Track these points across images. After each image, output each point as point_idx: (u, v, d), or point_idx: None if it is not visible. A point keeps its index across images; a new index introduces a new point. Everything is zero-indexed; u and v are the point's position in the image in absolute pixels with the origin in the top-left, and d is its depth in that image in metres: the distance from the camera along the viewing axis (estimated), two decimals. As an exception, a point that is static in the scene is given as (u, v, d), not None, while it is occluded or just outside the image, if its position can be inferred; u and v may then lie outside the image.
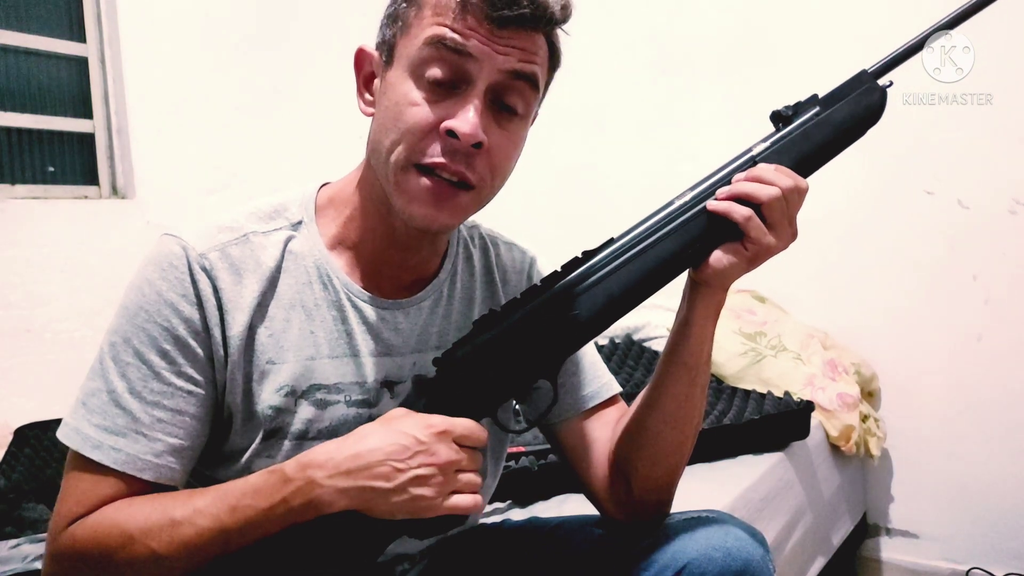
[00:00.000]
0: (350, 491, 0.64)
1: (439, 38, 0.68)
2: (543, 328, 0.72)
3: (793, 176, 0.72)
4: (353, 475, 0.64)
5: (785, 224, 0.72)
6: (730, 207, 0.72)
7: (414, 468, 0.65)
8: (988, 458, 1.97)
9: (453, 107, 0.69)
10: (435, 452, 0.65)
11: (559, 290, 0.73)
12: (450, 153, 0.70)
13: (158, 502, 0.67)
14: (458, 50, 0.68)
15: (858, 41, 2.03)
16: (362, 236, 0.79)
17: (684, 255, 0.74)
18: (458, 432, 0.67)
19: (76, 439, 0.69)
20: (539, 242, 0.97)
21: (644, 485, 0.81)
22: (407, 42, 0.71)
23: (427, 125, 0.69)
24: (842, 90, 0.77)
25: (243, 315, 0.73)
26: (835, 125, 0.76)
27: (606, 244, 0.75)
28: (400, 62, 0.72)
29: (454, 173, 0.70)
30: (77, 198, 2.12)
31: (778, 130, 0.77)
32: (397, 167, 0.71)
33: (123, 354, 0.70)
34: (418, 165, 0.70)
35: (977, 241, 1.96)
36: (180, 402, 0.70)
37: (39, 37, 2.04)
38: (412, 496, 0.65)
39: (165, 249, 0.72)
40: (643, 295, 0.74)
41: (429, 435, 0.66)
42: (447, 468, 0.66)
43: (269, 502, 0.65)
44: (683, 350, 0.77)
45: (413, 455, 0.65)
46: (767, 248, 0.72)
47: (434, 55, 0.69)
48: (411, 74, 0.70)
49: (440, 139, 0.70)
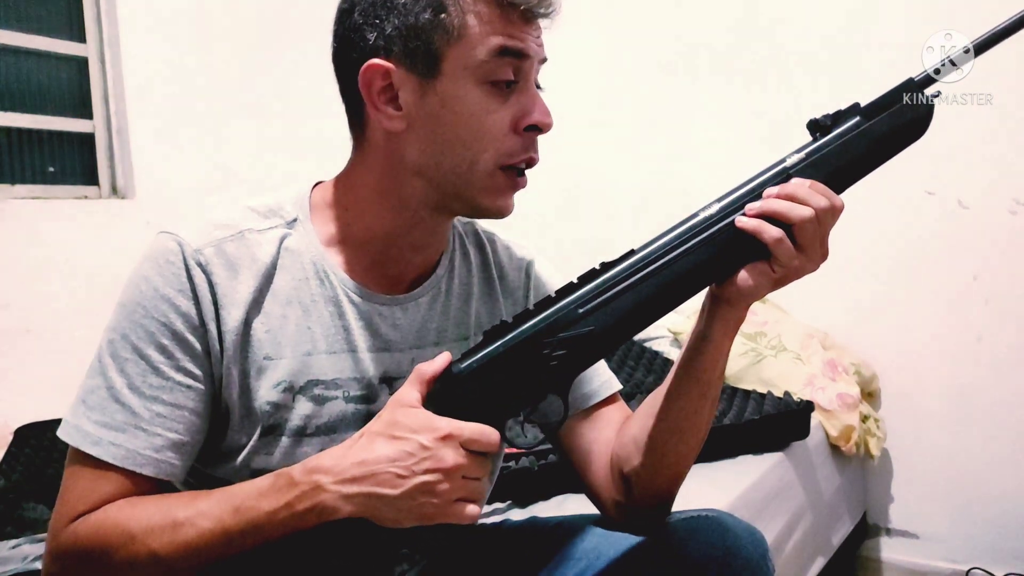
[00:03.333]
0: (356, 498, 0.64)
1: (504, 48, 0.72)
2: (554, 341, 0.70)
3: (828, 195, 0.69)
4: (359, 482, 0.64)
5: (816, 246, 0.69)
6: (760, 226, 0.68)
7: (420, 475, 0.63)
8: (988, 458, 1.97)
9: (518, 103, 0.74)
10: (442, 458, 0.64)
11: (573, 302, 0.70)
12: (531, 146, 0.76)
13: (161, 502, 0.67)
14: (519, 54, 0.73)
15: (862, 42, 2.04)
16: (362, 234, 0.79)
17: (707, 272, 0.71)
18: (466, 436, 0.65)
19: (76, 436, 0.69)
20: (540, 242, 0.97)
21: (645, 490, 0.81)
22: (461, 53, 0.71)
23: (506, 126, 0.74)
24: (886, 100, 0.71)
25: (238, 310, 0.73)
26: (876, 138, 0.71)
27: (626, 256, 0.72)
28: (456, 73, 0.72)
29: (534, 162, 0.77)
30: (77, 198, 2.11)
31: (815, 139, 0.72)
32: (485, 173, 0.74)
33: (121, 350, 0.70)
34: (506, 166, 0.75)
35: (977, 241, 1.96)
36: (179, 396, 0.70)
37: (39, 37, 2.04)
38: (418, 503, 0.64)
39: (161, 246, 0.72)
40: (662, 311, 0.72)
41: (435, 440, 0.64)
42: (453, 474, 0.64)
43: (273, 505, 0.65)
44: (697, 365, 0.76)
45: (419, 461, 0.64)
46: (795, 270, 0.70)
47: (501, 63, 0.72)
48: (477, 83, 0.72)
49: (519, 136, 0.74)
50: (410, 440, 0.65)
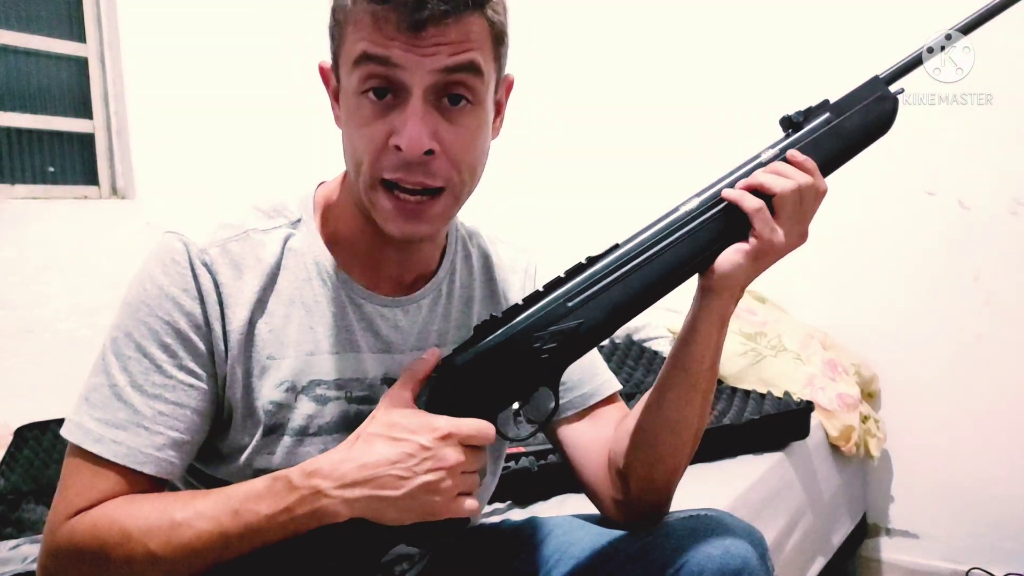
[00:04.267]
0: (358, 502, 0.64)
1: (366, 55, 0.67)
2: (545, 335, 0.71)
3: (815, 173, 0.72)
4: (360, 486, 0.64)
5: (794, 222, 0.72)
6: (741, 195, 0.72)
7: (422, 475, 0.64)
8: (988, 458, 1.97)
9: (397, 118, 0.68)
10: (443, 457, 0.65)
11: (561, 296, 0.72)
12: (405, 167, 0.69)
13: (159, 502, 0.67)
14: (384, 62, 0.66)
15: (867, 44, 2.04)
16: (354, 234, 0.80)
17: (691, 262, 0.73)
18: (464, 433, 0.67)
19: (78, 433, 0.69)
20: (540, 243, 0.97)
21: (642, 486, 0.81)
22: (343, 60, 0.71)
23: (379, 142, 0.69)
24: (854, 97, 0.75)
25: (243, 310, 0.73)
26: (846, 134, 0.74)
27: (611, 250, 0.74)
28: (344, 81, 0.71)
29: (415, 184, 0.70)
30: (77, 198, 2.11)
31: (788, 136, 0.76)
32: (366, 185, 0.72)
33: (125, 348, 0.70)
34: (383, 181, 0.71)
35: (977, 241, 1.96)
36: (181, 395, 0.71)
37: (39, 37, 2.03)
38: (421, 502, 0.65)
39: (167, 245, 0.73)
40: (648, 302, 0.74)
41: (434, 440, 0.65)
42: (455, 471, 0.66)
43: (272, 509, 0.64)
44: (685, 356, 0.77)
45: (421, 462, 0.65)
46: (771, 245, 0.71)
47: (365, 71, 0.68)
48: (353, 92, 0.70)
49: (392, 154, 0.69)
50: (410, 441, 0.65)
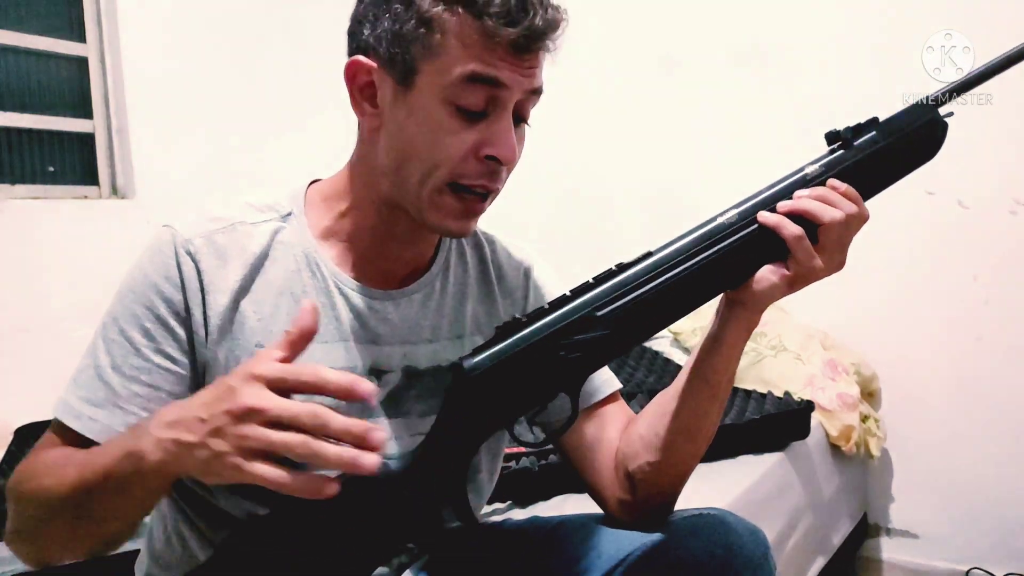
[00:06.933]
0: (164, 443, 0.58)
1: (477, 74, 0.70)
2: (570, 343, 0.69)
3: (858, 202, 0.71)
4: (171, 427, 0.58)
5: (835, 251, 0.71)
6: (781, 222, 0.70)
7: (216, 419, 0.55)
8: (988, 458, 1.97)
9: (486, 131, 0.72)
10: (238, 397, 0.55)
11: (590, 303, 0.70)
12: (489, 174, 0.74)
13: (74, 453, 0.68)
14: (494, 82, 0.70)
15: (867, 44, 2.04)
16: (357, 231, 0.80)
17: (725, 277, 0.72)
18: (273, 374, 0.55)
19: (60, 408, 0.72)
20: (540, 244, 0.97)
21: (650, 488, 0.82)
22: (435, 70, 0.71)
23: (467, 152, 0.72)
24: (904, 119, 0.73)
25: (224, 297, 0.75)
26: (892, 158, 0.72)
27: (642, 257, 0.72)
28: (427, 88, 0.71)
29: (490, 190, 0.75)
30: (77, 198, 2.11)
31: (833, 152, 0.73)
32: (434, 189, 0.73)
33: (110, 332, 0.74)
34: (454, 185, 0.73)
35: (977, 241, 1.96)
36: (157, 378, 0.73)
37: (39, 37, 2.03)
38: (213, 452, 0.55)
39: (157, 237, 0.76)
40: (678, 314, 0.72)
41: (241, 379, 0.56)
42: (243, 418, 0.54)
43: (120, 450, 0.61)
44: (708, 368, 0.77)
45: (219, 402, 0.56)
46: (812, 272, 0.71)
47: (471, 88, 0.70)
48: (444, 102, 0.71)
49: (479, 163, 0.73)
50: (223, 381, 0.58)
